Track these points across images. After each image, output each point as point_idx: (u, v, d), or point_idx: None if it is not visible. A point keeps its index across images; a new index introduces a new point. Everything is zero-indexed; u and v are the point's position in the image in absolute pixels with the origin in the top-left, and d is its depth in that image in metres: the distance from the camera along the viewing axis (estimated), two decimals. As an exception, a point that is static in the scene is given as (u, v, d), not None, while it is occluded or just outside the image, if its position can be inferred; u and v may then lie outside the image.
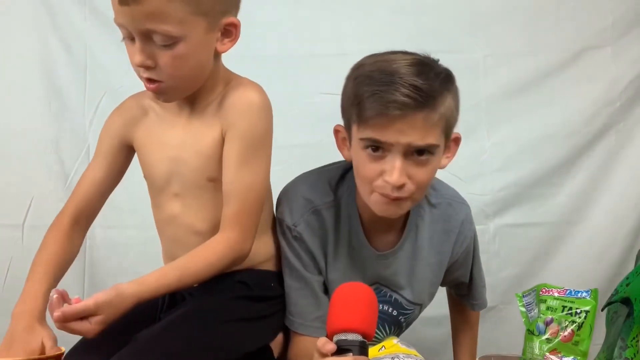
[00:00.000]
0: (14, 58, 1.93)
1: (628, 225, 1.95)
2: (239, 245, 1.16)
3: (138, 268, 1.24)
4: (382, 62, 1.16)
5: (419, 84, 1.10)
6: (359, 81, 1.16)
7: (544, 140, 1.96)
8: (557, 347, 1.13)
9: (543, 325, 1.16)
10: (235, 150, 1.16)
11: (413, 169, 1.14)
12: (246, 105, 1.17)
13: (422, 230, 1.30)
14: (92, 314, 1.04)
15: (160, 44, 1.09)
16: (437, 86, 1.13)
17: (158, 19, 1.07)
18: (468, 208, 1.36)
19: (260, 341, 1.26)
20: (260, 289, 1.25)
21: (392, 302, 1.33)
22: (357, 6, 1.94)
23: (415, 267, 1.31)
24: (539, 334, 1.16)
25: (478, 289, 1.45)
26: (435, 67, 1.17)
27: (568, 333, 1.13)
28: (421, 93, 1.10)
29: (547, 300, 1.18)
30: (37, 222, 1.93)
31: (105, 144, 1.29)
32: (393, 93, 1.10)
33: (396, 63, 1.14)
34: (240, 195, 1.17)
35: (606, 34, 1.95)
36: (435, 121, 1.13)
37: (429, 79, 1.12)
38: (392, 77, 1.11)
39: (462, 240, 1.34)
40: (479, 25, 1.95)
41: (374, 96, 1.11)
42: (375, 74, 1.13)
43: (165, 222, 1.27)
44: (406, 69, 1.12)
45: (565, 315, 1.15)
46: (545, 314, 1.16)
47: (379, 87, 1.11)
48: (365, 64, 1.19)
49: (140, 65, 1.11)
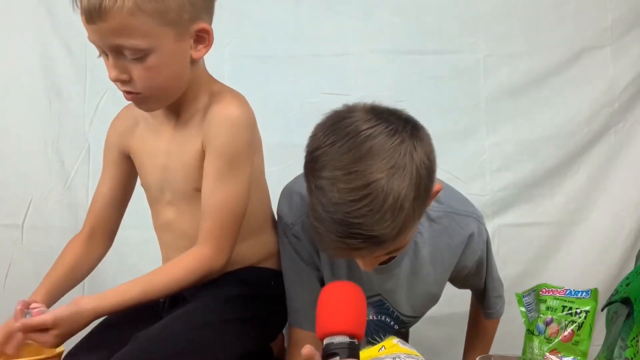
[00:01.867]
0: (14, 58, 1.93)
1: (628, 225, 1.95)
2: (211, 261, 1.16)
3: (138, 268, 1.24)
4: (330, 192, 1.00)
5: (377, 233, 0.99)
6: (317, 204, 1.03)
7: (544, 140, 1.95)
8: (557, 347, 1.13)
9: (543, 325, 1.16)
10: (212, 165, 1.16)
11: (382, 258, 1.10)
12: (224, 121, 1.16)
13: (422, 247, 1.24)
14: (50, 328, 1.08)
15: (131, 58, 1.09)
16: (397, 230, 1.00)
17: (124, 34, 1.07)
18: (476, 220, 1.28)
19: (260, 341, 1.26)
20: (259, 287, 1.26)
21: (394, 317, 1.31)
22: (357, 6, 1.94)
23: (415, 285, 1.28)
24: (538, 334, 1.16)
25: (491, 299, 1.41)
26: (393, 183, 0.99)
27: (568, 333, 1.13)
28: (375, 241, 1.00)
29: (547, 300, 1.17)
30: (37, 222, 1.93)
31: (107, 157, 1.33)
32: (343, 244, 1.01)
33: (348, 197, 0.98)
34: (215, 211, 1.17)
35: (606, 34, 1.95)
36: (396, 242, 1.04)
37: (391, 219, 0.99)
38: (346, 228, 0.99)
39: (471, 255, 1.28)
40: (479, 25, 1.95)
41: (327, 243, 1.04)
42: (331, 214, 1.00)
43: (162, 228, 1.29)
44: (364, 209, 0.98)
45: (565, 315, 1.14)
46: (545, 314, 1.16)
47: (332, 237, 1.02)
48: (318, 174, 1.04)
49: (115, 80, 1.12)
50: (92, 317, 1.12)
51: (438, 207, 1.23)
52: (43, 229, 1.94)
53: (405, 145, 1.01)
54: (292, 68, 1.93)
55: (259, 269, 1.29)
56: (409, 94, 1.92)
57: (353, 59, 1.94)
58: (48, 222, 1.94)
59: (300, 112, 1.91)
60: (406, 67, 1.94)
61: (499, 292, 1.41)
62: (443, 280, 1.31)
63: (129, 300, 1.13)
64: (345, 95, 1.94)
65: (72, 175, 1.93)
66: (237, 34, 1.89)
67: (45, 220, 1.94)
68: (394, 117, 1.06)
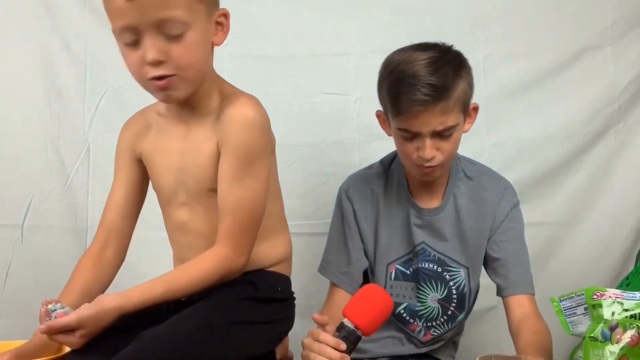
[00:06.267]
0: (14, 58, 1.93)
1: (628, 226, 1.95)
2: (230, 261, 1.17)
3: (138, 268, 1.25)
4: (405, 65, 1.39)
5: (434, 82, 1.35)
6: (390, 82, 1.41)
7: (544, 140, 1.95)
8: (627, 352, 1.09)
9: (608, 331, 1.11)
10: (229, 166, 1.17)
11: (439, 143, 1.39)
12: (240, 121, 1.18)
13: (460, 198, 1.51)
14: (75, 329, 1.08)
15: (172, 35, 1.11)
16: (450, 79, 1.37)
17: (168, 6, 1.09)
18: (507, 182, 1.56)
19: (266, 345, 1.26)
20: (266, 290, 1.25)
21: (436, 261, 1.51)
22: (357, 6, 1.94)
23: (455, 230, 1.51)
24: (604, 341, 1.11)
25: (524, 267, 1.51)
26: (448, 59, 1.40)
27: (633, 337, 1.09)
28: (437, 90, 1.34)
29: (603, 304, 1.13)
30: (37, 222, 1.93)
31: (119, 163, 1.32)
32: (415, 94, 1.34)
33: (416, 65, 1.37)
34: (233, 211, 1.17)
35: (606, 34, 1.95)
36: (452, 106, 1.37)
37: (443, 74, 1.36)
38: (414, 80, 1.35)
39: (503, 208, 1.51)
40: (479, 25, 1.94)
41: (400, 96, 1.37)
42: (401, 76, 1.38)
43: (176, 229, 1.29)
44: (424, 70, 1.36)
45: (629, 319, 1.10)
46: (600, 319, 1.11)
47: (405, 89, 1.36)
48: (393, 61, 1.42)
49: (155, 60, 1.11)
50: (116, 316, 1.11)
51: (474, 168, 1.56)
52: (43, 229, 1.94)
53: (457, 53, 1.45)
54: (292, 68, 1.93)
55: (268, 272, 1.28)
56: (409, 94, 1.92)
57: (353, 59, 1.94)
58: (48, 222, 1.94)
59: (300, 112, 1.91)
60: (406, 67, 1.94)
61: (528, 267, 1.52)
62: (482, 235, 1.51)
63: (151, 299, 1.14)
64: (345, 95, 1.95)
65: (72, 175, 1.93)
66: (237, 34, 1.88)
67: (45, 220, 1.94)
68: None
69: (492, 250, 1.51)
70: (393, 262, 1.52)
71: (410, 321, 1.52)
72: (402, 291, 1.52)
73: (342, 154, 1.93)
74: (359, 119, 1.93)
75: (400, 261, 1.52)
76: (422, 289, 1.51)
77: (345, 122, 1.94)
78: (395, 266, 1.52)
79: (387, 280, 1.52)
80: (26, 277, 1.92)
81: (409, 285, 1.52)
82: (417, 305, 1.52)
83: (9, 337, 1.38)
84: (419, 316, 1.52)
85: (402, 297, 1.52)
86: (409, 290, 1.52)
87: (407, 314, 1.52)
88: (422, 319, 1.52)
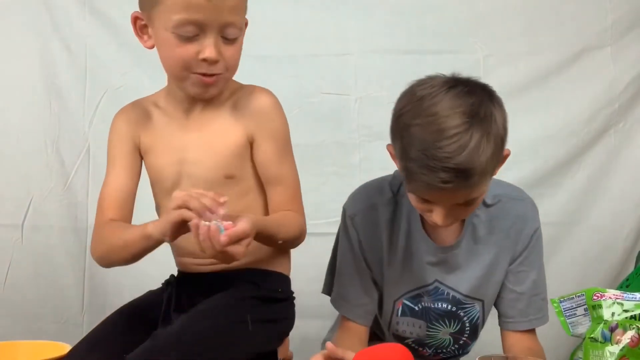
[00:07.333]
0: (14, 58, 1.93)
1: (628, 226, 1.95)
2: (304, 224, 1.26)
3: (139, 268, 1.24)
4: (425, 132, 1.12)
5: (461, 167, 1.10)
6: (404, 145, 1.14)
7: (544, 140, 1.96)
8: (627, 353, 1.08)
9: (608, 331, 1.11)
10: (273, 149, 1.25)
11: (459, 210, 1.19)
12: (271, 107, 1.26)
13: (479, 229, 1.33)
14: (246, 237, 1.07)
15: (229, 38, 1.17)
16: (480, 157, 1.11)
17: (238, 12, 1.18)
18: (528, 204, 1.36)
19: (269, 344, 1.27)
20: (268, 290, 1.27)
21: (450, 299, 1.36)
22: (358, 6, 1.94)
23: (473, 265, 1.34)
24: (604, 341, 1.10)
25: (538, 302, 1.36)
26: (479, 120, 1.12)
27: (632, 338, 1.08)
28: (463, 173, 1.10)
29: (602, 305, 1.12)
30: (37, 222, 1.93)
31: (117, 150, 1.29)
32: (435, 178, 1.11)
33: (440, 137, 1.10)
34: (290, 185, 1.27)
35: (606, 34, 1.95)
36: (479, 181, 1.14)
37: (471, 153, 1.10)
38: (434, 162, 1.10)
39: (525, 235, 1.33)
40: (479, 25, 1.95)
41: (416, 176, 1.13)
42: (419, 150, 1.12)
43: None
44: (448, 147, 1.10)
45: (629, 320, 1.10)
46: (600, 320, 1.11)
47: (422, 171, 1.12)
48: (410, 115, 1.15)
49: (214, 59, 1.16)
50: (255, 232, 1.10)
51: (492, 195, 1.32)
52: (43, 229, 1.94)
53: (486, 102, 1.15)
54: (292, 68, 1.93)
55: (269, 272, 1.29)
56: (409, 94, 1.92)
57: (353, 59, 1.94)
58: (48, 222, 1.94)
59: (300, 112, 1.91)
60: (406, 67, 1.94)
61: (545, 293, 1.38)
62: (501, 267, 1.34)
63: (270, 227, 1.17)
64: (345, 95, 1.95)
65: (72, 175, 1.93)
66: (237, 34, 1.89)
67: (45, 220, 1.94)
68: (471, 81, 1.21)
69: (509, 281, 1.35)
70: (400, 298, 1.37)
71: (418, 349, 1.43)
72: (409, 327, 1.38)
73: (342, 154, 1.94)
74: (359, 119, 1.94)
75: (407, 296, 1.36)
76: (432, 327, 1.37)
77: (345, 122, 1.94)
78: (402, 301, 1.37)
79: (392, 317, 1.39)
80: (26, 277, 1.92)
81: (418, 322, 1.38)
82: (426, 339, 1.40)
83: (9, 337, 1.38)
84: (428, 346, 1.41)
85: (410, 333, 1.39)
86: (417, 327, 1.38)
87: (415, 344, 1.41)
88: (432, 347, 1.42)
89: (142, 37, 1.22)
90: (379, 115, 1.95)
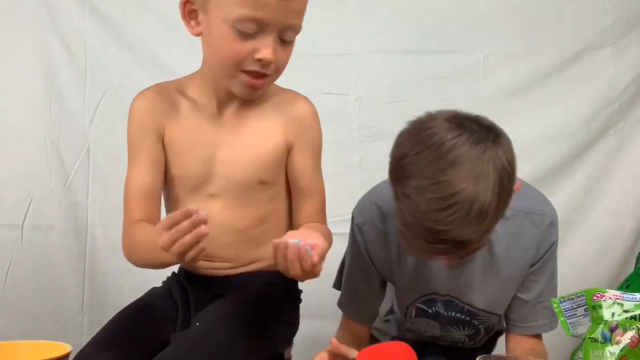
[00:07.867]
0: (14, 58, 1.93)
1: (628, 226, 1.95)
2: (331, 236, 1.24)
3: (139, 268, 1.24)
4: (421, 194, 1.03)
5: (459, 239, 1.03)
6: (403, 209, 1.06)
7: (544, 140, 1.95)
8: (626, 353, 1.07)
9: (608, 332, 1.10)
10: (309, 160, 1.25)
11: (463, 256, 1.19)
12: (312, 118, 1.26)
13: (497, 244, 1.25)
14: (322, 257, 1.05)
15: (286, 40, 1.15)
16: (482, 229, 1.05)
17: (299, 16, 1.14)
18: (549, 218, 1.30)
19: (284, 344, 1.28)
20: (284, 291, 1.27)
21: (465, 312, 1.33)
22: (358, 6, 1.94)
23: (489, 280, 1.28)
24: (604, 342, 1.09)
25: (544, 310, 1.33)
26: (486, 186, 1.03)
27: (632, 338, 1.08)
28: (461, 244, 1.05)
29: (603, 305, 1.12)
30: (37, 222, 1.93)
31: (139, 143, 1.21)
32: (431, 248, 1.06)
33: (440, 204, 1.02)
34: (322, 197, 1.28)
35: (606, 34, 1.95)
36: (481, 245, 1.11)
37: (471, 226, 1.03)
38: (429, 233, 1.03)
39: (543, 248, 1.30)
40: (479, 25, 1.95)
41: (410, 241, 1.09)
42: (411, 213, 1.04)
43: None
44: (446, 218, 1.02)
45: (629, 320, 1.09)
46: (600, 320, 1.11)
47: (417, 240, 1.07)
48: (405, 160, 1.07)
49: (271, 60, 1.13)
50: None
51: (513, 206, 1.18)
52: (43, 229, 1.94)
53: (488, 154, 1.05)
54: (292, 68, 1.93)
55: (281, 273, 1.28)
56: (408, 94, 1.92)
57: (353, 59, 1.94)
58: (48, 222, 1.94)
59: (300, 112, 1.91)
60: (406, 67, 1.94)
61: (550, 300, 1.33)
62: (517, 278, 1.30)
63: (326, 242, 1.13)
64: (345, 95, 1.95)
65: (72, 175, 1.93)
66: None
67: (45, 220, 1.94)
68: (476, 125, 1.09)
69: (518, 290, 1.33)
70: (413, 303, 1.34)
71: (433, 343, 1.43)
72: (423, 327, 1.37)
73: (342, 154, 1.93)
74: (359, 119, 1.94)
75: (420, 300, 1.33)
76: (446, 329, 1.36)
77: (345, 122, 1.94)
78: (416, 305, 1.34)
79: (406, 319, 1.38)
80: (26, 277, 1.92)
81: (432, 323, 1.36)
82: (441, 338, 1.39)
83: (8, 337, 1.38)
84: (443, 341, 1.41)
85: (424, 332, 1.38)
86: (431, 327, 1.37)
87: (430, 339, 1.42)
88: (447, 341, 1.41)
89: (190, 22, 1.14)
90: (379, 115, 1.96)
